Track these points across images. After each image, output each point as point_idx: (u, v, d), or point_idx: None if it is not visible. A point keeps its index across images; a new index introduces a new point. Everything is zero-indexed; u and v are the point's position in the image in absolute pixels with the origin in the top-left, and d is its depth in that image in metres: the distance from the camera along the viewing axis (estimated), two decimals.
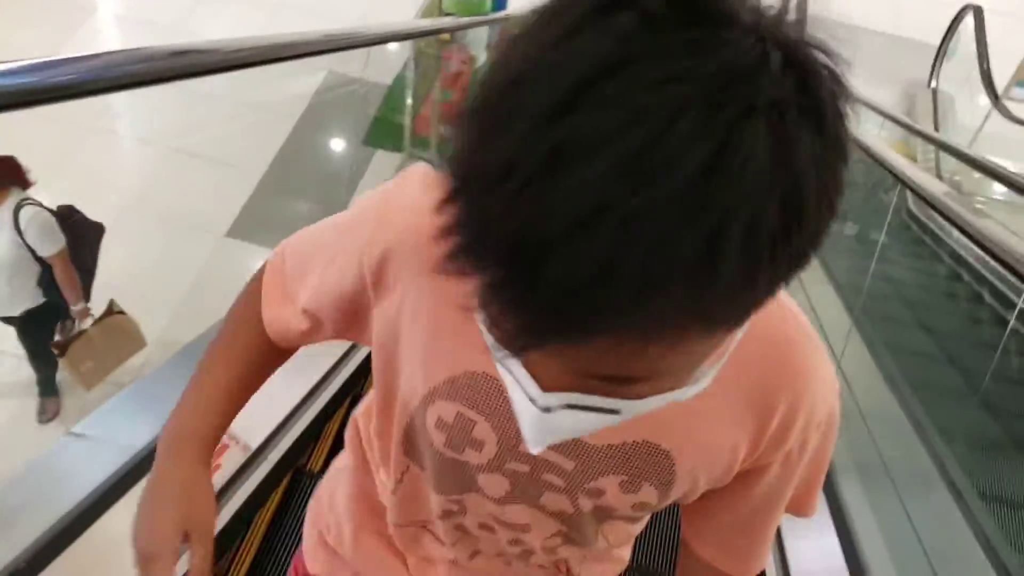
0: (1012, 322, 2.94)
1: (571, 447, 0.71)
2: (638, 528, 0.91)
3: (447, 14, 7.29)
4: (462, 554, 0.91)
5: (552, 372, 0.50)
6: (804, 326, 0.70)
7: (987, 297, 3.66)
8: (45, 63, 1.04)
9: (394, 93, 5.16)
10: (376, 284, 0.73)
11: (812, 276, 3.62)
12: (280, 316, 0.85)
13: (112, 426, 1.75)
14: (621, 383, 0.48)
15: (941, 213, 1.93)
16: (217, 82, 1.63)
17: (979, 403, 2.91)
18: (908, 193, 4.32)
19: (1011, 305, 3.27)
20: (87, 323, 3.77)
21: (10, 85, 0.98)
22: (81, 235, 3.81)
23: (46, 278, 3.69)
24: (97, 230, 3.93)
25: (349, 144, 5.31)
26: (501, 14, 6.41)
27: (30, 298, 3.73)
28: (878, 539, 1.76)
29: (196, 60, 1.41)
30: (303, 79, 5.34)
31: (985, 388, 2.97)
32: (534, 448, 0.56)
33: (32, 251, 3.59)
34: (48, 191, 4.54)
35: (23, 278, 3.66)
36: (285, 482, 2.02)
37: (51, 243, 3.62)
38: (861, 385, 2.72)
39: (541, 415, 0.51)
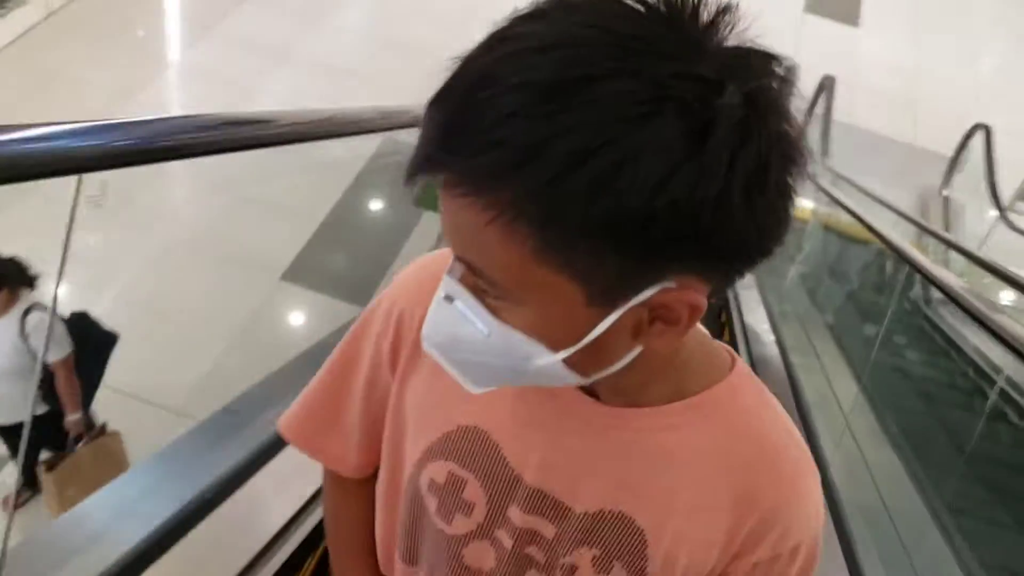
0: None
1: (553, 511, 0.68)
2: None
3: None
4: None
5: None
6: (801, 443, 0.67)
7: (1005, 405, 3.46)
8: (102, 126, 1.00)
9: None
10: (392, 356, 0.72)
11: (836, 370, 3.51)
12: (329, 445, 0.83)
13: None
14: (476, 278, 0.53)
15: (962, 307, 1.86)
16: None
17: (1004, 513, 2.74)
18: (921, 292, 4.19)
19: None
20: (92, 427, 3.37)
21: (67, 148, 0.94)
22: (89, 344, 3.42)
23: (47, 385, 3.26)
24: (108, 340, 3.54)
25: (398, 206, 5.37)
26: None
27: (34, 404, 3.27)
28: None
29: (251, 132, 1.38)
30: (362, 141, 5.39)
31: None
32: (425, 343, 0.60)
33: (35, 357, 3.19)
34: (114, 220, 4.53)
35: (26, 384, 3.22)
36: None
37: (56, 350, 3.21)
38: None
39: (441, 303, 0.58)
